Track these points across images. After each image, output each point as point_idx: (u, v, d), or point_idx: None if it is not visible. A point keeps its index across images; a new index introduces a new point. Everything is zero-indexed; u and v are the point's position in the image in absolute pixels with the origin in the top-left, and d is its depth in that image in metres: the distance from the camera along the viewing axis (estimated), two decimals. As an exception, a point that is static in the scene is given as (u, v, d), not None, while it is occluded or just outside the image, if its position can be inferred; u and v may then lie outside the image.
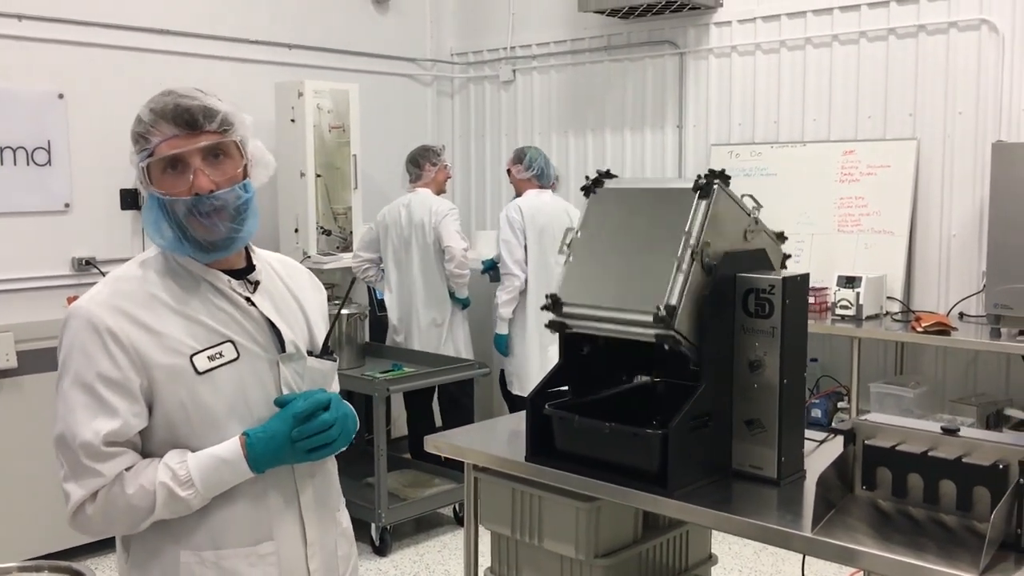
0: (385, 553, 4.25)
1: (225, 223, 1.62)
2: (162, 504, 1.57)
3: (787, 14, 4.90)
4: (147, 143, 1.61)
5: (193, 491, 1.57)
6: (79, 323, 1.60)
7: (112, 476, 1.57)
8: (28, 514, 4.00)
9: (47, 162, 4.44)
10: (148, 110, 1.62)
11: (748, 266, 2.19)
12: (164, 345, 1.60)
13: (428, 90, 6.33)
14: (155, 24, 4.83)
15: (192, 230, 1.61)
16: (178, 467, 1.58)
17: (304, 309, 1.80)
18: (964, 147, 4.43)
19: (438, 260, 4.87)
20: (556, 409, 2.26)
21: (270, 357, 1.69)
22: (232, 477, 1.60)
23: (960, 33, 4.39)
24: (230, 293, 1.68)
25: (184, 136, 1.59)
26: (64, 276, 4.57)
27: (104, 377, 1.57)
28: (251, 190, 1.67)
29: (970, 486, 1.82)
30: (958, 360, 4.52)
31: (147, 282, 1.65)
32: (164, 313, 1.62)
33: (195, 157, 1.60)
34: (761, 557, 4.15)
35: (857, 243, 4.69)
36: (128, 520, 1.59)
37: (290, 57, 5.40)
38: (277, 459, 1.63)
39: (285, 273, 1.83)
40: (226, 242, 1.64)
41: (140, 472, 1.58)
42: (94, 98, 4.56)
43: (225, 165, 1.63)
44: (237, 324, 1.67)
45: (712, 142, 5.22)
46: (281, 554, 1.69)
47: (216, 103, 1.63)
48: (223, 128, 1.62)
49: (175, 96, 1.62)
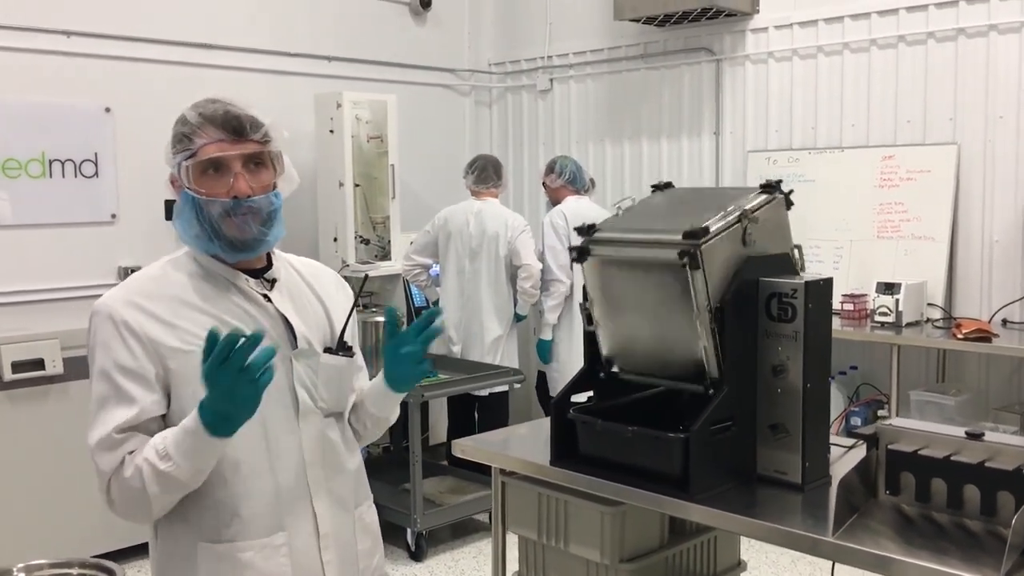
0: (420, 558, 4.28)
1: (257, 225, 1.70)
2: (150, 479, 1.59)
3: (824, 19, 4.86)
4: (191, 143, 1.69)
5: (172, 463, 1.58)
6: (99, 319, 1.68)
7: (115, 463, 1.62)
8: (73, 517, 4.10)
9: (94, 174, 4.57)
10: (196, 113, 1.70)
11: (771, 271, 2.19)
12: (179, 337, 1.67)
13: (466, 100, 6.38)
14: (198, 39, 4.94)
15: (225, 229, 1.68)
16: (158, 441, 1.61)
17: (327, 309, 1.86)
18: (1005, 151, 4.36)
19: (508, 274, 4.87)
20: (579, 413, 2.28)
21: (285, 352, 1.74)
22: (200, 444, 1.57)
23: (1000, 36, 4.33)
24: (247, 290, 1.75)
25: (230, 142, 1.69)
26: (110, 285, 4.58)
27: (121, 366, 1.64)
28: (280, 199, 1.75)
29: (993, 491, 1.80)
30: (1001, 367, 4.44)
31: (166, 279, 1.73)
32: (180, 308, 1.69)
33: (237, 162, 1.69)
34: (799, 566, 4.11)
35: (897, 249, 4.64)
36: (136, 501, 1.62)
37: (329, 69, 5.48)
38: (228, 415, 1.55)
39: (309, 273, 1.89)
40: (255, 243, 1.72)
41: (137, 454, 1.62)
42: (139, 111, 4.67)
43: (262, 173, 1.72)
44: (252, 319, 1.73)
45: (749, 149, 5.19)
46: (293, 545, 1.73)
47: (260, 115, 1.73)
48: (265, 139, 1.72)
49: (223, 104, 1.71)
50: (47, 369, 4.13)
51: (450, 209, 4.96)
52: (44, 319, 4.32)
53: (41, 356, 4.11)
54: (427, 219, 5.17)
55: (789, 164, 5.00)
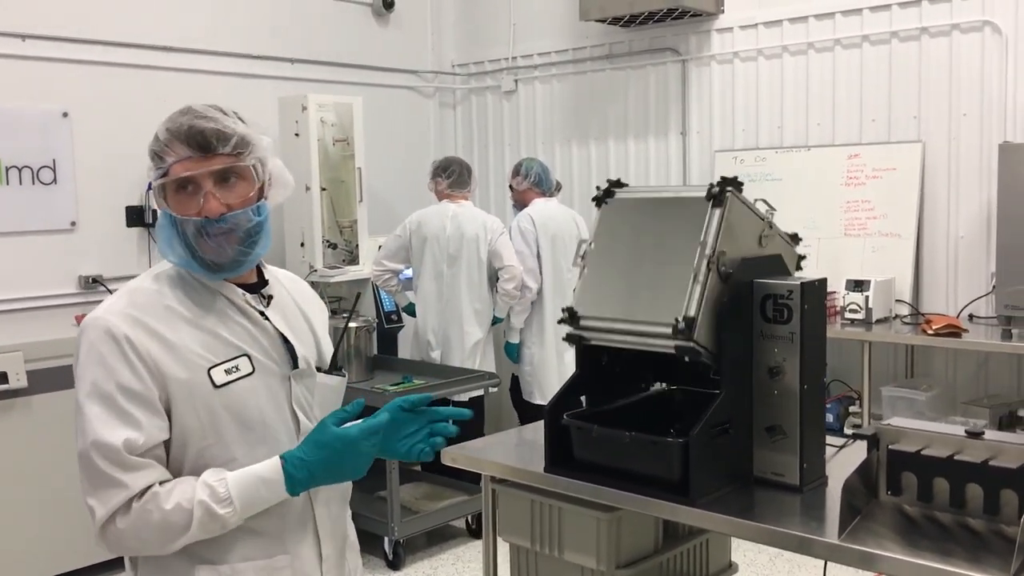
0: (399, 567, 4.23)
1: (233, 246, 1.61)
2: (198, 522, 1.53)
3: (789, 19, 4.90)
4: (162, 162, 1.60)
5: (231, 509, 1.54)
6: (96, 333, 1.57)
7: (137, 488, 1.52)
8: (39, 534, 3.99)
9: (53, 180, 4.43)
10: (164, 129, 1.62)
11: (764, 272, 2.18)
12: (181, 358, 1.59)
13: (430, 102, 6.33)
14: (158, 41, 4.83)
15: (201, 251, 1.60)
16: (217, 484, 1.55)
17: (312, 325, 1.80)
18: (970, 149, 4.43)
19: (487, 277, 4.83)
20: (574, 419, 2.26)
21: (282, 372, 1.69)
22: (269, 496, 1.58)
23: (963, 35, 4.39)
24: (245, 307, 1.68)
25: (196, 159, 1.59)
26: (71, 294, 4.56)
27: (124, 388, 1.54)
28: (264, 212, 1.66)
29: (997, 489, 1.81)
30: (969, 362, 4.51)
31: (163, 295, 1.64)
32: (180, 326, 1.61)
33: (206, 180, 1.59)
34: (776, 563, 4.13)
35: (864, 247, 4.69)
36: (161, 538, 1.54)
37: (293, 72, 5.40)
38: (314, 481, 1.60)
39: (294, 289, 1.83)
40: (233, 264, 1.64)
41: (175, 488, 1.54)
42: (98, 116, 4.55)
43: (238, 188, 1.62)
44: (252, 338, 1.66)
45: (716, 148, 5.22)
46: (295, 568, 1.68)
47: (232, 125, 1.62)
48: (237, 151, 1.61)
49: (191, 116, 1.61)
50: (11, 383, 3.99)
51: (422, 213, 4.89)
52: (3, 331, 4.18)
53: (4, 370, 3.97)
54: (394, 222, 5.11)
55: (756, 163, 5.03)
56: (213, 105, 1.66)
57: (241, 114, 1.69)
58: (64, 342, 3.92)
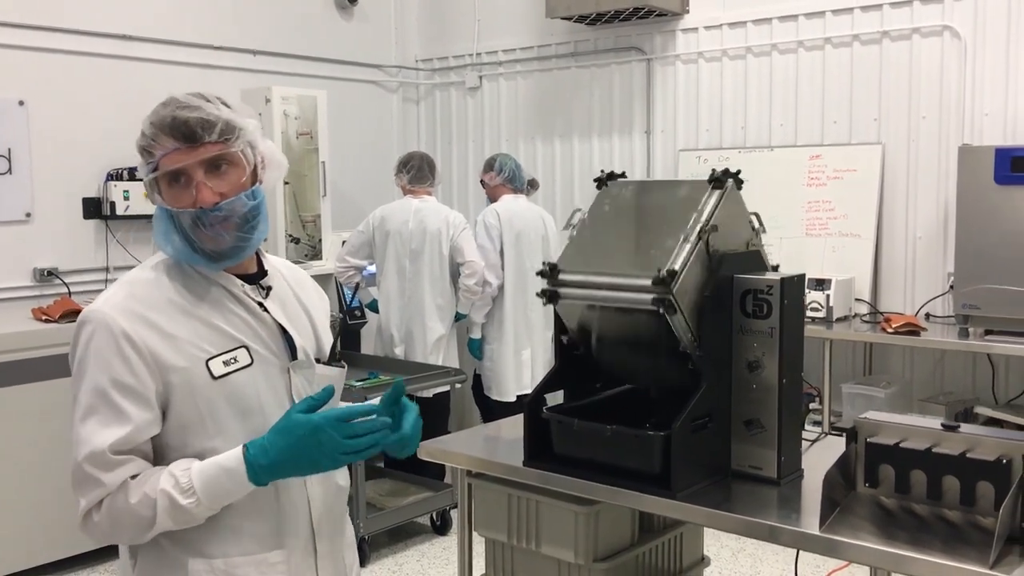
0: (364, 563, 4.19)
1: (231, 232, 1.59)
2: (164, 512, 1.51)
3: (753, 21, 4.96)
4: (151, 157, 1.59)
5: (195, 499, 1.52)
6: (94, 327, 1.56)
7: (114, 485, 1.52)
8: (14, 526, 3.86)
9: (7, 171, 4.33)
10: (149, 123, 1.60)
11: (744, 268, 2.21)
12: (180, 349, 1.57)
13: (394, 96, 6.29)
14: (118, 30, 4.73)
15: (199, 242, 1.59)
16: (181, 475, 1.53)
17: (311, 316, 1.79)
18: (928, 151, 4.52)
19: (450, 272, 4.80)
20: (554, 413, 2.26)
21: (281, 364, 1.68)
22: (232, 485, 1.54)
23: (923, 39, 4.48)
24: (244, 298, 1.66)
25: (184, 150, 1.57)
26: (25, 287, 4.46)
27: (118, 382, 1.53)
28: (260, 196, 1.64)
29: (974, 481, 1.85)
30: (925, 360, 4.60)
31: (161, 286, 1.62)
32: (179, 317, 1.59)
33: (196, 170, 1.57)
34: (739, 558, 4.18)
35: (825, 246, 4.76)
36: (133, 528, 1.54)
37: (255, 63, 5.34)
38: (278, 472, 1.56)
39: (293, 279, 1.81)
40: (233, 251, 1.62)
41: (146, 480, 1.53)
42: (55, 105, 4.46)
43: (229, 174, 1.60)
44: (251, 329, 1.65)
45: (680, 148, 5.26)
46: (291, 563, 1.67)
47: (216, 112, 1.60)
48: (224, 138, 1.59)
49: (173, 107, 1.59)
50: (-34, 378, 3.88)
51: (386, 208, 4.85)
52: (-44, 324, 4.07)
53: (-40, 365, 3.86)
54: (358, 218, 5.07)
55: (719, 163, 4.98)
56: (196, 93, 1.64)
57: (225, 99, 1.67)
58: (19, 335, 3.82)
